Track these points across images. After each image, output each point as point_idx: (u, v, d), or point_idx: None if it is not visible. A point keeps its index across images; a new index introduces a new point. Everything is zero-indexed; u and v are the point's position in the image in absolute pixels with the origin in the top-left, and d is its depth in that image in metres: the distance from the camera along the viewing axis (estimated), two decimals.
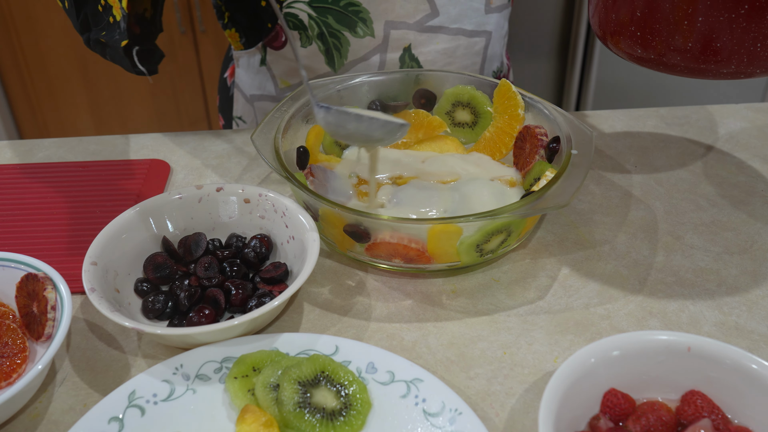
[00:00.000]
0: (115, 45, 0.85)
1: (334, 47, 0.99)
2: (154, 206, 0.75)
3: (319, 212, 0.73)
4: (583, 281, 0.75)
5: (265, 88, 1.09)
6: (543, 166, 0.78)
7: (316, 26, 0.98)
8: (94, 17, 0.88)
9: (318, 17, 0.97)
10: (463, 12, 1.01)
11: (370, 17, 0.97)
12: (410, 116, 0.90)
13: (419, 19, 0.99)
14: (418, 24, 0.99)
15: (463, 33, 1.02)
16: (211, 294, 0.69)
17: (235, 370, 0.62)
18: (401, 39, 1.00)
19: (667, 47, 0.68)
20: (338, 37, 0.99)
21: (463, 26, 1.01)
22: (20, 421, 0.62)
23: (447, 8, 0.99)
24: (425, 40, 1.01)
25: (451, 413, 0.59)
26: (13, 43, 2.25)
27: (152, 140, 1.00)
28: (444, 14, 1.00)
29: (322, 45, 1.00)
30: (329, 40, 0.99)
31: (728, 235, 0.80)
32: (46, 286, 0.65)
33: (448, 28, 1.01)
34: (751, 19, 0.63)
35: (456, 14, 1.00)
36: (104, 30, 0.87)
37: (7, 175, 0.93)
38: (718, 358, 0.57)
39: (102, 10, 0.87)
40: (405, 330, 0.70)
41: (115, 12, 0.85)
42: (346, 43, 0.99)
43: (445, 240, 0.70)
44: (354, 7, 0.96)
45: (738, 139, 0.97)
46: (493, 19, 1.05)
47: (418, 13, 0.98)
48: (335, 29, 0.98)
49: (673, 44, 0.68)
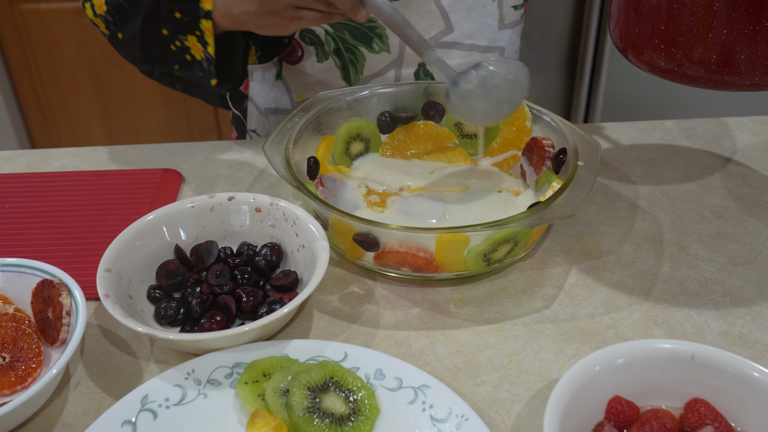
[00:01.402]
0: (201, 82, 0.93)
1: (350, 62, 1.01)
2: (167, 215, 0.76)
3: (329, 221, 0.75)
4: (589, 291, 0.75)
5: (280, 101, 1.10)
6: (550, 177, 0.79)
7: (333, 42, 0.99)
8: (163, 54, 0.92)
9: (335, 33, 0.99)
10: (477, 28, 1.02)
11: (386, 33, 0.99)
12: (419, 128, 0.91)
13: (434, 35, 1.00)
14: (432, 40, 1.00)
15: (477, 49, 1.03)
16: (223, 301, 0.70)
17: (246, 376, 0.63)
18: (416, 54, 1.01)
19: (690, 59, 0.69)
20: (354, 53, 1.00)
21: (477, 42, 1.02)
22: (35, 424, 0.63)
23: (461, 24, 1.01)
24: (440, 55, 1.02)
25: (458, 419, 0.59)
26: (27, 54, 2.27)
27: (165, 150, 1.01)
28: (458, 30, 1.01)
29: (338, 60, 1.01)
30: (345, 56, 1.00)
31: (733, 246, 0.81)
32: (61, 292, 0.66)
33: (462, 44, 1.02)
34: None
35: (470, 30, 1.02)
36: (180, 66, 0.93)
37: (22, 184, 0.94)
38: (721, 367, 0.58)
39: (176, 49, 0.91)
40: (413, 337, 0.71)
41: (194, 52, 0.90)
42: (362, 59, 1.01)
43: (453, 249, 0.71)
44: (370, 22, 0.97)
45: (743, 152, 0.98)
46: (506, 35, 1.06)
47: (433, 29, 1.00)
48: (351, 45, 0.99)
49: (696, 56, 0.68)
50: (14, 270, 0.70)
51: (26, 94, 2.36)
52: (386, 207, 0.82)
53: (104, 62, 2.30)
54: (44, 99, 2.36)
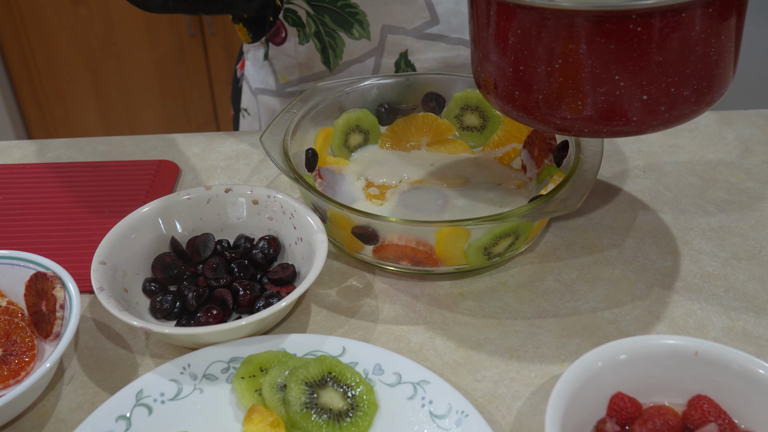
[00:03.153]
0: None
1: (329, 46, 0.99)
2: (162, 207, 0.75)
3: (327, 214, 0.74)
4: (591, 285, 0.75)
5: (267, 82, 1.10)
6: (551, 171, 0.78)
7: (314, 24, 0.98)
8: None
9: (315, 15, 0.97)
10: (464, 22, 1.00)
11: (366, 20, 0.97)
12: (419, 119, 0.90)
13: (418, 25, 0.98)
14: (416, 30, 0.98)
15: (462, 43, 1.01)
16: (219, 294, 0.69)
17: (243, 371, 0.62)
18: (398, 44, 0.99)
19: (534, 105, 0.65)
20: (334, 37, 0.98)
21: (463, 36, 1.01)
22: (28, 419, 0.62)
23: (448, 17, 0.99)
24: (423, 47, 1.00)
25: (458, 415, 0.59)
26: (23, 43, 2.26)
27: (161, 141, 1.00)
28: (444, 23, 0.99)
29: (319, 43, 1.00)
30: (325, 39, 0.99)
31: (736, 240, 0.80)
32: (54, 284, 0.66)
33: (448, 37, 1.00)
34: None
35: (457, 24, 1.00)
36: None
37: (16, 175, 0.93)
38: (725, 363, 0.57)
39: None
40: (412, 332, 0.70)
41: None
42: (341, 43, 0.99)
43: (453, 243, 0.70)
44: (351, 8, 0.96)
45: (747, 145, 0.97)
46: None
47: (417, 19, 0.98)
48: (331, 28, 0.98)
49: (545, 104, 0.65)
50: (7, 262, 0.69)
51: (23, 85, 2.35)
52: (385, 199, 0.81)
53: (101, 52, 2.29)
54: (41, 89, 2.35)
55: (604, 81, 0.60)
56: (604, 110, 0.61)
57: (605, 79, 0.59)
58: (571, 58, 0.59)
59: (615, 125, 0.62)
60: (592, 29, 0.57)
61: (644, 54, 0.58)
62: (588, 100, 0.61)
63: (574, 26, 0.58)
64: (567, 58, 0.59)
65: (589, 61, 0.59)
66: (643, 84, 0.59)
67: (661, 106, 0.61)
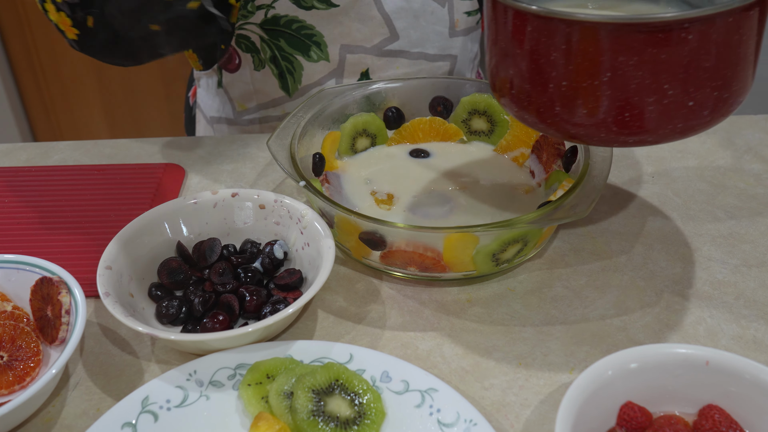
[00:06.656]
0: (182, 14, 0.79)
1: (287, 71, 0.96)
2: (169, 211, 0.75)
3: (334, 219, 0.73)
4: (600, 292, 0.74)
5: (223, 110, 1.07)
6: (560, 176, 0.78)
7: (269, 49, 0.95)
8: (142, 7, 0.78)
9: (270, 40, 0.95)
10: (425, 36, 0.98)
11: (324, 41, 0.95)
12: (426, 123, 0.89)
13: (377, 43, 0.96)
14: (376, 48, 0.97)
15: (425, 57, 0.99)
16: (226, 300, 0.69)
17: (249, 377, 0.62)
18: (358, 63, 0.97)
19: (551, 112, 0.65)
20: (291, 61, 0.96)
21: (425, 50, 0.98)
22: (33, 425, 0.62)
23: (407, 32, 0.96)
24: (384, 64, 0.98)
25: (466, 424, 0.58)
26: (28, 45, 2.26)
27: (167, 144, 1.00)
28: (404, 38, 0.97)
29: (275, 68, 0.97)
30: (282, 64, 0.96)
31: (746, 247, 0.80)
32: (60, 289, 0.65)
33: (409, 52, 0.98)
34: None
35: (417, 38, 0.98)
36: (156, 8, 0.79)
37: (22, 178, 0.93)
38: (736, 373, 0.57)
39: None
40: (420, 339, 0.69)
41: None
42: (299, 67, 0.97)
43: (461, 249, 0.70)
44: (307, 30, 0.94)
45: (756, 151, 0.96)
46: (458, 43, 1.02)
47: (376, 36, 0.96)
48: (288, 52, 0.96)
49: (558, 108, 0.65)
50: (13, 266, 0.69)
51: (28, 87, 2.35)
52: (393, 204, 0.81)
53: None
54: (46, 91, 2.35)
55: (654, 91, 0.60)
56: (651, 119, 0.61)
57: (654, 89, 0.60)
58: (621, 71, 0.59)
59: (662, 133, 0.63)
60: (645, 40, 0.57)
61: (693, 60, 0.59)
62: (635, 110, 0.61)
63: (624, 39, 0.58)
64: (616, 71, 0.59)
65: (640, 72, 0.59)
66: (690, 91, 0.60)
67: (704, 111, 0.62)
